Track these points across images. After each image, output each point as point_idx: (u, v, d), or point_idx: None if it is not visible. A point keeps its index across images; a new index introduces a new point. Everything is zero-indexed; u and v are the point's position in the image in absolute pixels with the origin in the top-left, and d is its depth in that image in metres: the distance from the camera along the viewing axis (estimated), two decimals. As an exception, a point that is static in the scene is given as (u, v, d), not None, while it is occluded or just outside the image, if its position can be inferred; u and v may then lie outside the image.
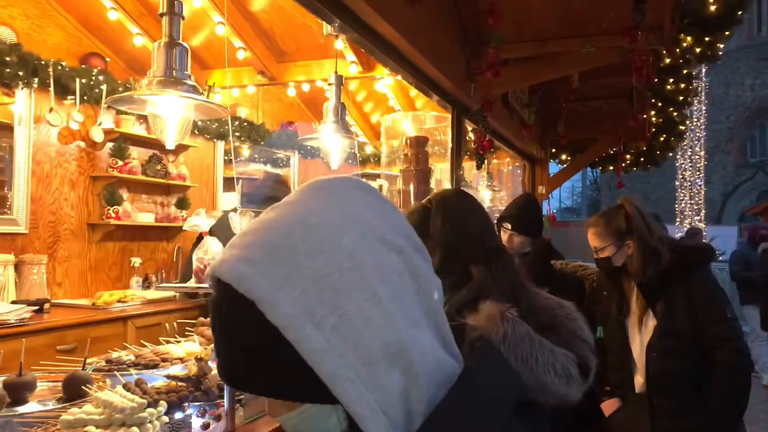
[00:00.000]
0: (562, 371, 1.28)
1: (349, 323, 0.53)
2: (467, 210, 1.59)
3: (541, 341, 1.29)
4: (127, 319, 3.66)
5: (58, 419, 1.56)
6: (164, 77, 1.89)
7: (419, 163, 4.17)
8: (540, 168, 6.66)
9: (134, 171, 4.35)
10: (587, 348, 1.40)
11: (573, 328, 1.42)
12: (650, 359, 2.32)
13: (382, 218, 0.59)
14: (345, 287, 0.54)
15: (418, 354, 0.55)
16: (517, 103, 5.08)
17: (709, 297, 2.29)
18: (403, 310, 0.56)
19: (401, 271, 0.57)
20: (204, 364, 1.99)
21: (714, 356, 2.22)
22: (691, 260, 2.35)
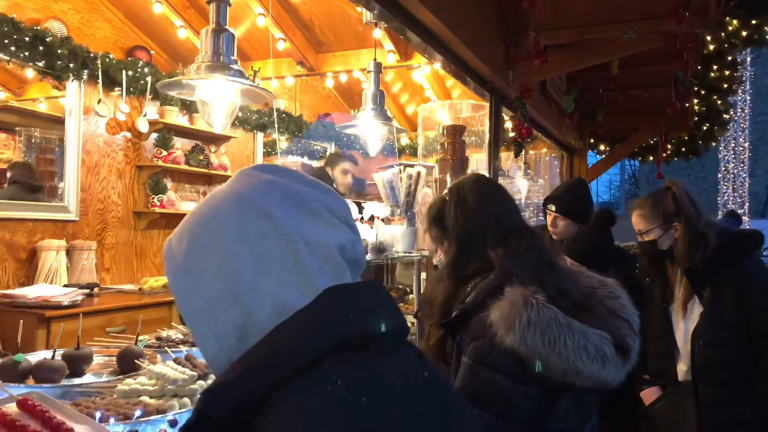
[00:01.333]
0: (595, 353, 1.26)
1: (203, 272, 0.70)
2: (481, 195, 1.56)
3: (570, 324, 1.27)
4: (172, 304, 3.77)
5: (113, 390, 1.63)
6: (211, 62, 1.95)
7: (456, 152, 4.14)
8: (578, 158, 6.58)
9: (178, 161, 4.46)
10: (627, 327, 1.37)
11: (613, 306, 1.40)
12: (696, 347, 2.27)
13: (269, 192, 0.74)
14: (209, 246, 0.71)
15: (256, 296, 0.69)
16: (555, 92, 5.03)
17: (759, 285, 2.24)
18: (255, 262, 0.70)
19: (265, 232, 0.71)
20: (249, 341, 2.05)
21: (764, 345, 2.18)
22: (740, 246, 2.30)
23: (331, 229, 0.75)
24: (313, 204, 0.75)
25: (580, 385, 1.27)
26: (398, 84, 6.58)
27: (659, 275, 2.48)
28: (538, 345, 1.24)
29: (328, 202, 0.77)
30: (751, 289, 2.21)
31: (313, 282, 0.70)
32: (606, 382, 1.28)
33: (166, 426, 1.44)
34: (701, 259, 2.25)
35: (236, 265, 0.69)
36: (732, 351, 2.23)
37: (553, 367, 1.25)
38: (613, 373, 1.29)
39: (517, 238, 1.46)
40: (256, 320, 0.69)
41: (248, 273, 0.69)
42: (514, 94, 3.77)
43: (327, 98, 6.70)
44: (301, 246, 0.71)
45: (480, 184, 1.62)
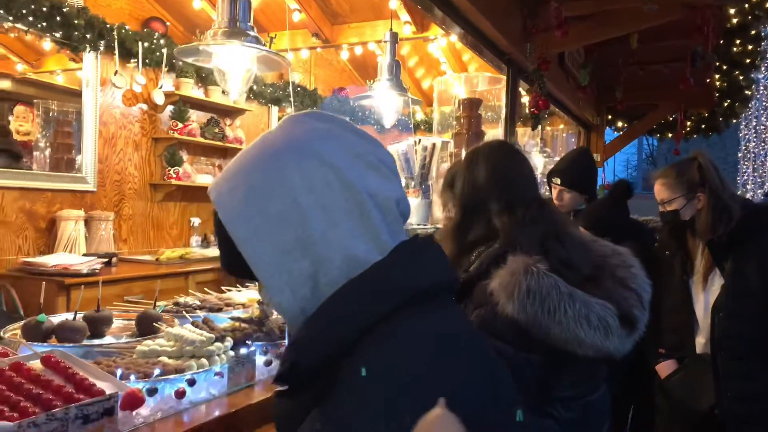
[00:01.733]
0: (597, 323, 1.26)
1: (269, 221, 0.70)
2: (495, 161, 1.52)
3: (572, 293, 1.27)
4: (188, 275, 3.82)
5: (132, 350, 1.67)
6: (228, 28, 1.95)
7: (472, 126, 4.11)
8: (595, 135, 6.51)
9: (193, 133, 4.48)
10: (635, 299, 1.36)
11: (623, 276, 1.39)
12: (716, 320, 2.26)
13: (328, 142, 0.73)
14: (271, 194, 0.70)
15: (327, 248, 0.69)
16: (573, 66, 4.96)
17: None
18: (323, 213, 0.69)
19: (330, 182, 0.70)
20: (265, 307, 2.07)
21: None
22: (765, 218, 2.27)
23: (387, 182, 0.75)
24: (369, 156, 0.75)
25: (582, 355, 1.26)
26: (414, 58, 6.52)
27: (679, 247, 2.45)
28: (537, 313, 1.25)
29: (380, 154, 0.77)
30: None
31: (379, 234, 0.72)
32: (609, 352, 1.28)
33: (185, 385, 1.47)
34: (725, 230, 2.23)
35: (303, 215, 0.69)
36: (753, 323, 2.21)
37: (554, 335, 1.25)
38: (616, 343, 1.29)
39: (524, 207, 1.44)
40: (326, 271, 0.69)
41: (317, 223, 0.69)
42: (531, 66, 3.74)
43: (342, 72, 6.66)
44: (366, 198, 0.71)
45: (497, 150, 1.59)
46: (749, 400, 2.21)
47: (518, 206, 1.44)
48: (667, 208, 2.37)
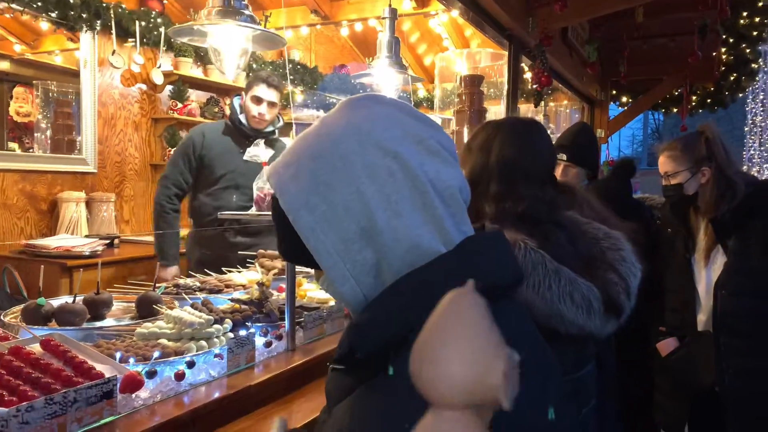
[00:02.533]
0: (581, 301, 1.27)
1: (334, 210, 0.69)
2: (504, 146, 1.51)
3: (558, 270, 1.28)
4: (191, 255, 3.82)
5: (132, 333, 1.67)
6: (222, 7, 1.92)
7: (474, 103, 4.06)
8: (599, 110, 6.45)
9: (193, 113, 4.45)
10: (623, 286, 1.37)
11: (613, 259, 1.40)
12: (719, 297, 2.24)
13: (389, 128, 0.72)
14: (334, 183, 0.70)
15: (391, 238, 0.69)
16: (577, 40, 4.89)
17: None
18: (386, 202, 0.69)
19: (393, 171, 0.70)
20: (265, 288, 2.07)
21: None
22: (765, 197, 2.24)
23: (449, 168, 0.74)
24: (430, 141, 0.74)
25: (564, 332, 1.27)
26: (416, 34, 6.44)
27: (681, 225, 2.42)
28: (522, 287, 1.25)
29: (441, 138, 0.76)
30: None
31: (443, 223, 0.71)
32: (591, 332, 1.29)
33: (184, 367, 1.48)
34: (728, 208, 2.21)
35: (367, 205, 0.69)
36: (755, 301, 2.20)
37: (537, 310, 1.26)
38: (598, 324, 1.30)
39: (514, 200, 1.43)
40: (390, 261, 0.69)
41: (381, 213, 0.69)
42: (533, 42, 3.68)
43: (343, 49, 6.59)
44: (428, 187, 0.71)
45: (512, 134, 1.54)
46: (750, 377, 2.21)
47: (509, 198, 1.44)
48: (671, 181, 2.34)
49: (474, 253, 0.71)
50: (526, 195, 1.45)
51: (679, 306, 2.43)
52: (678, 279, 2.42)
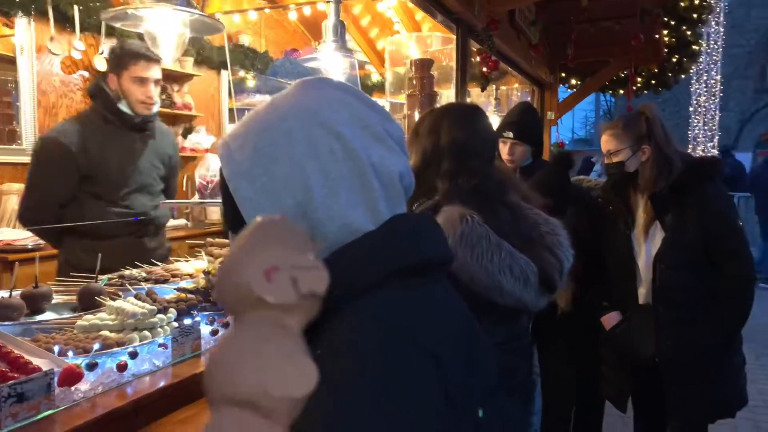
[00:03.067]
0: (519, 274, 1.36)
1: (273, 182, 0.71)
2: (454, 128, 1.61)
3: (500, 243, 1.36)
4: (140, 245, 3.75)
5: (73, 326, 1.65)
6: (157, -9, 1.88)
7: (424, 87, 4.09)
8: (549, 93, 6.55)
9: (139, 100, 4.34)
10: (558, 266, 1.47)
11: (551, 242, 1.50)
12: (657, 271, 2.34)
13: (337, 110, 0.74)
14: (277, 156, 0.71)
15: (325, 215, 0.71)
16: (524, 24, 4.95)
17: (722, 209, 2.30)
18: (324, 180, 0.71)
19: (335, 151, 0.71)
20: (212, 277, 2.06)
21: (724, 267, 2.25)
22: (703, 172, 2.34)
23: (393, 155, 0.76)
24: (377, 128, 0.76)
25: (502, 304, 1.35)
26: (367, 17, 6.41)
27: (621, 202, 2.50)
28: (467, 258, 1.33)
29: (389, 126, 0.78)
30: (712, 214, 2.27)
31: (377, 206, 0.73)
32: (526, 304, 1.38)
33: (126, 358, 1.47)
34: (666, 184, 2.29)
35: (306, 180, 0.70)
36: (691, 273, 2.30)
37: (478, 281, 1.34)
38: (533, 297, 1.39)
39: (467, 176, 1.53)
40: (322, 237, 0.71)
41: (318, 189, 0.70)
42: (480, 25, 3.71)
43: (294, 33, 6.51)
44: (369, 170, 0.72)
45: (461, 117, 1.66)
46: (686, 347, 2.31)
47: (462, 174, 1.53)
48: (613, 159, 2.41)
49: (399, 231, 0.73)
50: (477, 171, 1.55)
51: (621, 280, 2.51)
52: (619, 254, 2.50)
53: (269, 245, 0.59)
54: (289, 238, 0.62)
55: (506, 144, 2.89)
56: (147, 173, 2.64)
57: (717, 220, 2.27)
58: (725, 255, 2.26)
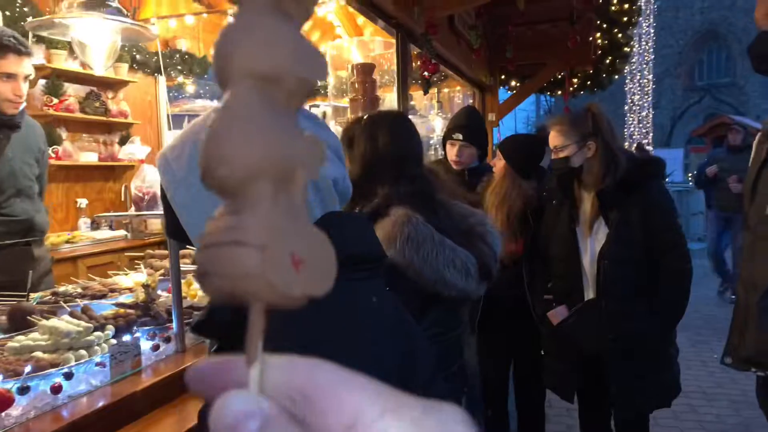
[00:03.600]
0: (461, 266, 1.46)
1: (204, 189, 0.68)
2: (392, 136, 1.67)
3: (443, 240, 1.46)
4: (77, 259, 3.63)
5: (2, 348, 1.58)
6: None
7: (367, 91, 4.11)
8: (489, 95, 6.69)
9: (71, 109, 4.19)
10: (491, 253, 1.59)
11: (481, 232, 1.62)
12: (602, 266, 2.39)
13: None
14: None
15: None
16: (463, 28, 5.04)
17: (663, 206, 2.39)
18: None
19: None
20: (151, 290, 2.01)
21: (663, 261, 2.33)
22: (648, 171, 2.42)
23: (329, 164, 0.78)
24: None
25: (447, 295, 1.45)
26: (308, 21, 6.37)
27: (567, 196, 2.55)
28: (413, 257, 1.42)
29: (324, 135, 0.80)
30: (656, 210, 2.35)
31: (312, 212, 0.75)
32: (468, 293, 1.49)
33: (61, 379, 1.42)
34: (612, 180, 2.35)
35: None
36: (634, 269, 2.37)
37: (426, 276, 1.43)
38: (473, 286, 1.49)
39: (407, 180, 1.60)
40: None
41: None
42: (420, 30, 3.76)
43: (234, 38, 6.39)
44: None
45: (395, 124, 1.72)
46: (629, 340, 2.37)
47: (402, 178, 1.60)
48: (560, 154, 2.45)
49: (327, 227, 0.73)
50: (416, 175, 1.63)
51: (566, 275, 2.56)
52: (564, 249, 2.54)
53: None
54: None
55: (455, 146, 2.94)
56: (22, 175, 2.45)
57: (661, 217, 2.36)
58: (665, 249, 2.34)
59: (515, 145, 2.86)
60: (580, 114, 2.48)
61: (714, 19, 26.52)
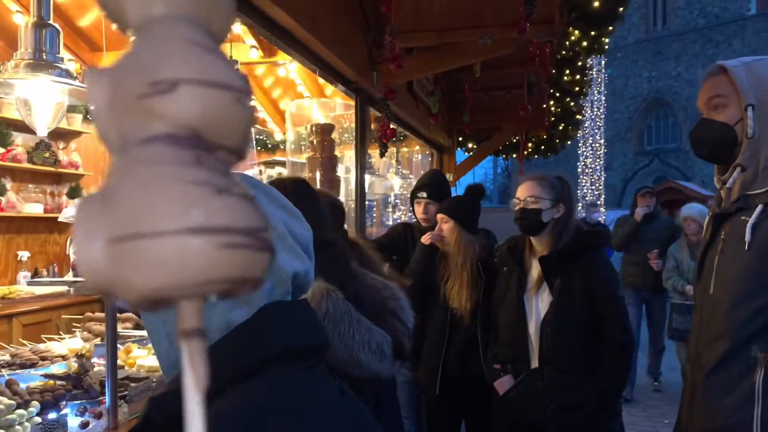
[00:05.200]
0: (376, 348, 1.39)
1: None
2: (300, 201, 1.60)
3: (360, 319, 1.39)
4: (12, 317, 3.44)
5: None
6: (33, 60, 1.78)
7: (325, 150, 4.16)
8: (447, 156, 6.82)
9: (19, 158, 4.07)
10: (404, 330, 1.54)
11: (394, 307, 1.55)
12: (544, 334, 2.40)
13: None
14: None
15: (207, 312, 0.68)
16: (422, 92, 5.16)
17: (605, 277, 2.43)
18: None
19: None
20: (86, 360, 1.91)
21: (605, 333, 2.35)
22: (591, 241, 2.47)
23: (291, 256, 0.75)
24: (279, 225, 0.75)
25: (356, 376, 1.37)
26: (270, 78, 6.44)
27: (516, 264, 2.57)
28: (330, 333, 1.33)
29: (293, 225, 0.77)
30: (597, 281, 2.39)
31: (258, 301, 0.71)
32: (379, 375, 1.41)
33: (-27, 465, 1.31)
34: (556, 248, 2.40)
35: None
36: (576, 338, 2.38)
37: (336, 355, 1.34)
38: (386, 367, 1.43)
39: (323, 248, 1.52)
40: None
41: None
42: (378, 94, 3.82)
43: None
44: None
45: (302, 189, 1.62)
46: (569, 410, 2.36)
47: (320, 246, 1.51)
48: (532, 206, 2.44)
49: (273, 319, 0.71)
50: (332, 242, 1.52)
51: (513, 342, 2.55)
52: (511, 316, 2.55)
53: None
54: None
55: (421, 204, 3.18)
56: None
57: (602, 287, 2.39)
58: (607, 321, 2.37)
59: (460, 205, 2.92)
60: (557, 178, 2.54)
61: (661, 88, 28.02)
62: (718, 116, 1.71)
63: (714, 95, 1.73)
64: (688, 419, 1.81)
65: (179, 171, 0.34)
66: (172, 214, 0.33)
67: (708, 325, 1.73)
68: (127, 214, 0.33)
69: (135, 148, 0.34)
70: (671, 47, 27.71)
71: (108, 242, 0.33)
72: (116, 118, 0.36)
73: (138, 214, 0.33)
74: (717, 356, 1.68)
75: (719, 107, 1.71)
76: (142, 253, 0.32)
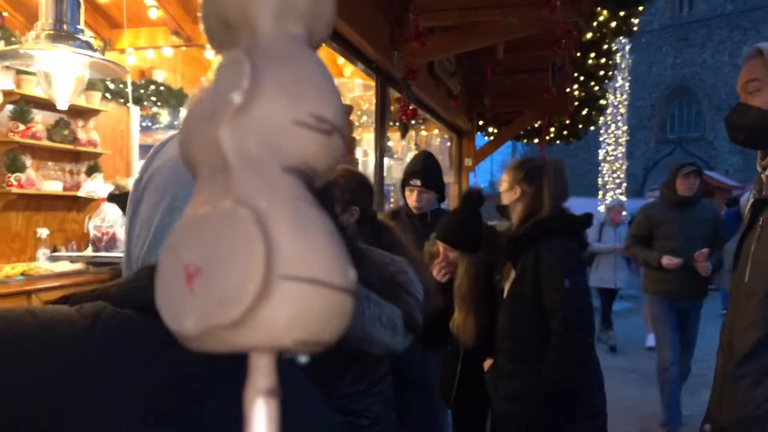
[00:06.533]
0: (387, 322, 1.37)
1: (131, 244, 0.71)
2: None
3: (369, 295, 1.37)
4: (32, 293, 3.46)
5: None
6: (54, 30, 1.75)
7: (344, 132, 4.09)
8: (467, 140, 6.74)
9: (38, 136, 4.07)
10: (415, 303, 1.50)
11: (403, 281, 1.53)
12: (499, 321, 2.32)
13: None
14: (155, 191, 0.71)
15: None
16: (443, 73, 5.08)
17: (551, 265, 2.23)
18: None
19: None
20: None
21: (550, 324, 2.20)
22: (542, 227, 2.28)
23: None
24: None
25: (372, 352, 1.36)
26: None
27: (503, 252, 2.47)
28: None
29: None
30: (544, 269, 2.23)
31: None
32: (394, 349, 1.40)
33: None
34: (517, 233, 2.29)
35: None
36: (526, 326, 2.26)
37: (351, 335, 1.31)
38: (400, 341, 1.41)
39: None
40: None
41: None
42: (399, 74, 3.76)
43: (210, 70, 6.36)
44: None
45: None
46: (517, 399, 2.27)
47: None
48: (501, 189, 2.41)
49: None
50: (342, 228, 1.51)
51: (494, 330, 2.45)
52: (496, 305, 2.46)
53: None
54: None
55: (413, 192, 2.97)
56: None
57: (547, 276, 2.22)
58: (550, 311, 2.21)
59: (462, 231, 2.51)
60: (528, 159, 2.44)
61: (685, 75, 27.49)
62: (754, 100, 1.64)
63: (750, 79, 1.65)
64: (718, 408, 1.76)
65: (323, 217, 0.33)
66: (339, 268, 0.32)
67: (742, 313, 1.67)
68: (294, 253, 0.31)
69: (275, 170, 0.33)
70: (697, 33, 27.10)
71: (277, 276, 0.31)
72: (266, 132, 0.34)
73: (307, 258, 0.31)
74: (749, 345, 1.62)
75: (755, 91, 1.64)
76: (309, 299, 0.31)
